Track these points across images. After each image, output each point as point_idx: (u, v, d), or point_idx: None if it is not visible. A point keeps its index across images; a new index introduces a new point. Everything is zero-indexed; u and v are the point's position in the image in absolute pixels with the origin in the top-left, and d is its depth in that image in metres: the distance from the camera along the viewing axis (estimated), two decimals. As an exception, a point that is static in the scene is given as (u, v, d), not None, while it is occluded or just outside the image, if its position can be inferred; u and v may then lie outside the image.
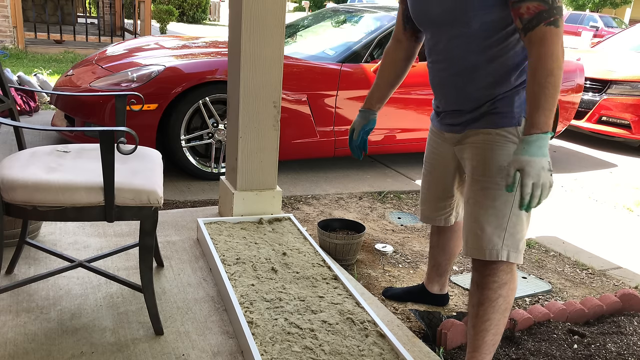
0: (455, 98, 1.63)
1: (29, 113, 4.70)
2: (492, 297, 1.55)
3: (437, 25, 1.57)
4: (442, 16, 1.53)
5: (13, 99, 1.92)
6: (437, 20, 1.56)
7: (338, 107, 3.75)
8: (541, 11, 1.36)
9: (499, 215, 1.53)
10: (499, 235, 1.53)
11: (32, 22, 9.91)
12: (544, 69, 1.35)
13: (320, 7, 31.15)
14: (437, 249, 2.09)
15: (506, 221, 1.52)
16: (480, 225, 1.55)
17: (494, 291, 1.55)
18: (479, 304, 1.57)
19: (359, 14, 4.50)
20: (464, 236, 1.61)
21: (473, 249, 1.57)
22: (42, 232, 2.32)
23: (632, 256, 3.04)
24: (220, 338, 1.75)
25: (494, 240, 1.53)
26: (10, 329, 1.69)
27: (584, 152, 5.50)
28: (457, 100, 1.63)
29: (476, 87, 1.56)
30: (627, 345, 2.03)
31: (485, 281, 1.56)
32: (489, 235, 1.53)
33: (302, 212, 3.18)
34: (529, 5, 1.37)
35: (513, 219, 1.53)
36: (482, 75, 1.54)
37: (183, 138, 3.41)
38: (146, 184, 1.61)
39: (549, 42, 1.36)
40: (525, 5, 1.37)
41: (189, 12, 20.28)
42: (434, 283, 2.21)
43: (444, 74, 1.63)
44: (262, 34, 2.37)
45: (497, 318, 1.57)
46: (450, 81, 1.62)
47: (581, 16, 21.95)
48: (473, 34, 1.50)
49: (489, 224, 1.53)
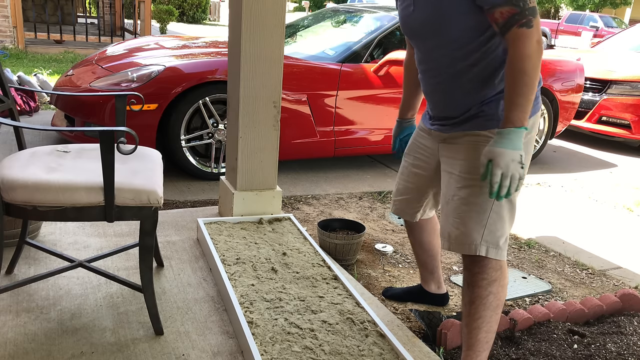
0: (444, 105, 1.68)
1: (29, 113, 4.70)
2: (483, 294, 1.58)
3: (421, 36, 1.64)
4: (423, 27, 1.60)
5: (13, 99, 1.92)
6: (420, 31, 1.63)
7: (338, 107, 3.75)
8: (513, 14, 1.41)
9: (480, 212, 1.57)
10: (478, 231, 1.57)
11: (32, 22, 9.91)
12: (518, 69, 1.42)
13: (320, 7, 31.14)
14: (415, 247, 2.12)
15: (486, 218, 1.57)
16: (463, 221, 1.59)
17: (484, 288, 1.58)
18: (470, 302, 1.60)
19: (359, 14, 4.50)
20: (445, 231, 1.65)
21: (455, 243, 1.62)
22: (42, 232, 2.32)
23: (632, 256, 3.04)
24: (220, 338, 1.75)
25: (474, 235, 1.57)
26: (10, 329, 1.69)
27: (584, 152, 5.50)
28: (446, 107, 1.68)
29: (462, 93, 1.62)
30: (627, 345, 2.03)
31: (474, 279, 1.59)
32: (470, 230, 1.58)
33: (302, 212, 3.18)
34: (501, 10, 1.43)
35: (493, 216, 1.57)
36: (467, 81, 1.59)
37: (183, 138, 3.41)
38: (146, 184, 1.61)
39: (521, 43, 1.42)
40: (499, 11, 1.43)
41: (189, 12, 20.29)
42: (429, 282, 2.22)
43: (433, 82, 1.69)
44: (262, 34, 2.37)
45: (488, 315, 1.59)
46: (438, 88, 1.67)
47: (581, 16, 21.95)
48: (454, 41, 1.55)
49: (470, 220, 1.58)
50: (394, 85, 3.88)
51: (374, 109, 3.88)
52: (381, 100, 3.87)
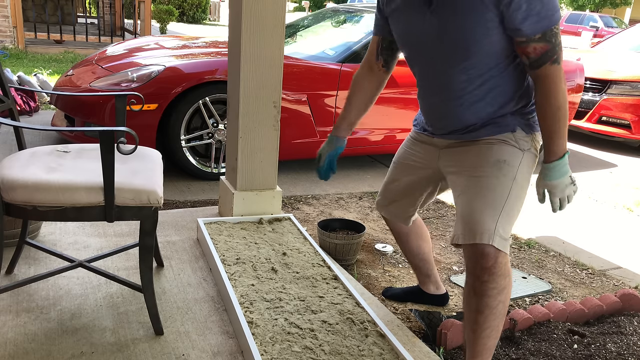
0: (451, 124, 1.64)
1: (29, 113, 4.70)
2: (492, 304, 1.50)
3: (434, 55, 1.56)
4: (435, 43, 1.53)
5: (13, 99, 1.92)
6: (434, 50, 1.55)
7: (338, 107, 3.75)
8: (546, 51, 1.42)
9: (492, 205, 1.52)
10: (493, 220, 1.50)
11: (32, 22, 9.91)
12: (553, 105, 1.46)
13: (320, 7, 31.15)
14: (406, 253, 2.11)
15: (499, 211, 1.52)
16: (476, 211, 1.52)
17: (494, 298, 1.50)
18: (478, 311, 1.52)
19: (359, 14, 4.50)
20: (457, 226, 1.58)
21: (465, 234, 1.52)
22: (42, 232, 2.32)
23: (632, 256, 3.04)
24: (220, 338, 1.75)
25: (487, 223, 1.50)
26: (10, 329, 1.69)
27: (584, 152, 5.50)
28: (451, 125, 1.64)
29: (474, 115, 1.59)
30: (627, 345, 2.03)
31: (484, 288, 1.50)
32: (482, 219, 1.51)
33: (302, 212, 3.18)
34: (535, 46, 1.42)
35: (507, 213, 1.53)
36: (482, 106, 1.57)
37: (183, 138, 3.41)
38: (146, 184, 1.61)
39: (554, 80, 1.45)
40: (532, 46, 1.42)
41: (189, 12, 20.29)
42: (427, 284, 2.21)
43: (436, 100, 1.63)
44: (262, 34, 2.37)
45: (497, 324, 1.54)
46: (444, 108, 1.62)
47: (581, 16, 21.96)
48: (471, 64, 1.51)
49: (483, 210, 1.52)
50: (394, 85, 3.88)
51: (374, 109, 3.87)
52: (381, 100, 3.87)
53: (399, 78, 3.87)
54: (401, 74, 3.88)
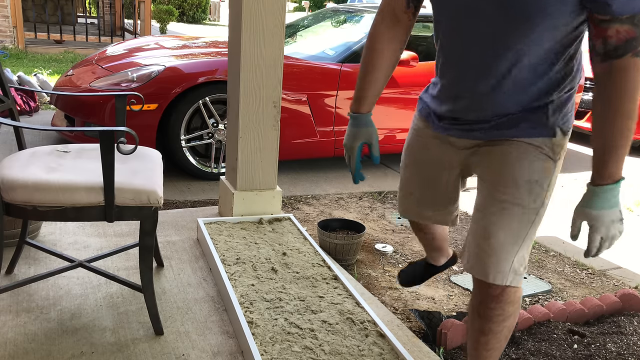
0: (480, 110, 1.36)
1: (29, 113, 4.70)
2: (497, 329, 1.39)
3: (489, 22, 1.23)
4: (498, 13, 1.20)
5: (13, 99, 1.92)
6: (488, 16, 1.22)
7: (338, 107, 3.75)
8: (631, 38, 1.10)
9: (514, 238, 1.33)
10: (508, 260, 1.33)
11: (32, 22, 9.91)
12: (623, 111, 1.13)
13: (320, 7, 31.14)
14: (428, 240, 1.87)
15: (520, 244, 1.33)
16: (493, 243, 1.33)
17: (498, 324, 1.38)
18: (481, 332, 1.41)
19: (359, 14, 4.50)
20: (469, 250, 1.39)
21: (477, 268, 1.36)
22: (42, 232, 2.32)
23: (632, 256, 3.04)
24: (220, 338, 1.75)
25: (502, 265, 1.33)
26: (10, 329, 1.69)
27: (584, 152, 5.50)
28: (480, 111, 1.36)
29: (513, 102, 1.31)
30: (627, 345, 2.03)
31: (489, 314, 1.37)
32: (499, 258, 1.33)
33: (302, 212, 3.18)
34: (619, 28, 1.11)
35: (527, 242, 1.34)
36: (525, 92, 1.29)
37: (183, 138, 3.41)
38: (146, 184, 1.61)
39: (631, 77, 1.12)
40: (615, 28, 1.11)
41: (189, 12, 20.29)
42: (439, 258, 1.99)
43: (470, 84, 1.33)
44: (262, 34, 2.37)
45: (501, 345, 1.45)
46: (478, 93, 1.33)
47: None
48: (530, 46, 1.22)
49: (503, 244, 1.32)
50: (394, 85, 3.88)
51: (374, 108, 3.88)
52: (381, 100, 3.87)
53: (399, 78, 3.88)
54: (401, 74, 3.88)
